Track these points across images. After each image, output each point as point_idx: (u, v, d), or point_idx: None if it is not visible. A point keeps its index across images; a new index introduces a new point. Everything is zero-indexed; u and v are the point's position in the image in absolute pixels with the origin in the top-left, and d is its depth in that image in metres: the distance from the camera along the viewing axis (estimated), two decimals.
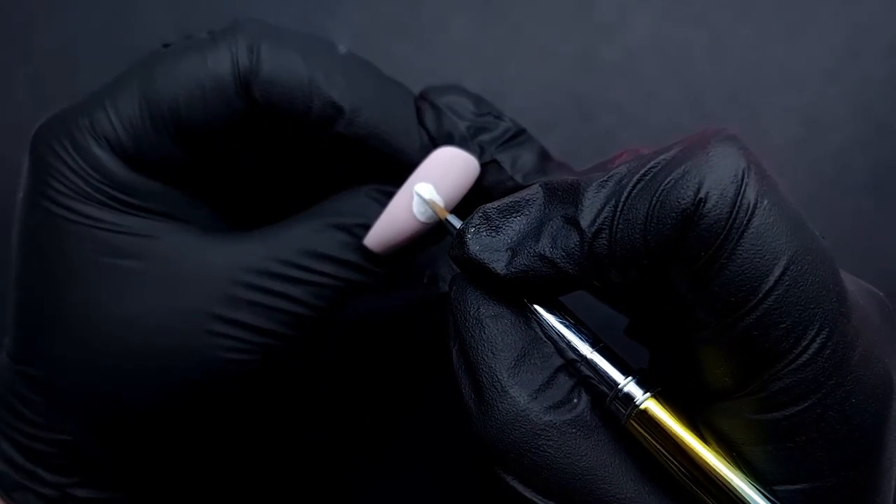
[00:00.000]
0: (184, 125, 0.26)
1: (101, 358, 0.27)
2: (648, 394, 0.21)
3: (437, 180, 0.27)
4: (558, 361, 0.22)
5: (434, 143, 0.28)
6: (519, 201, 0.22)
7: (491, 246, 0.22)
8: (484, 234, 0.22)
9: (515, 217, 0.22)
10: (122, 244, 0.27)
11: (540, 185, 0.22)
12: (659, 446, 0.21)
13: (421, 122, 0.28)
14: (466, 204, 0.28)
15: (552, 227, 0.21)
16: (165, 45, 0.27)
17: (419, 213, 0.27)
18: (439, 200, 0.27)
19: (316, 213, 0.28)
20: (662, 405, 0.21)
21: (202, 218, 0.29)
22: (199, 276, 0.27)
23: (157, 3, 0.39)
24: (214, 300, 0.26)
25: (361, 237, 0.27)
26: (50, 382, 0.27)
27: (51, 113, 0.28)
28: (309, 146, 0.28)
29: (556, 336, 0.22)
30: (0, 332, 0.29)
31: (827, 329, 0.19)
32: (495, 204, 0.22)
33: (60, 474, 0.28)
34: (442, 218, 0.26)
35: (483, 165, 0.28)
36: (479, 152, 0.28)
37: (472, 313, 0.22)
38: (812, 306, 0.19)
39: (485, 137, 0.28)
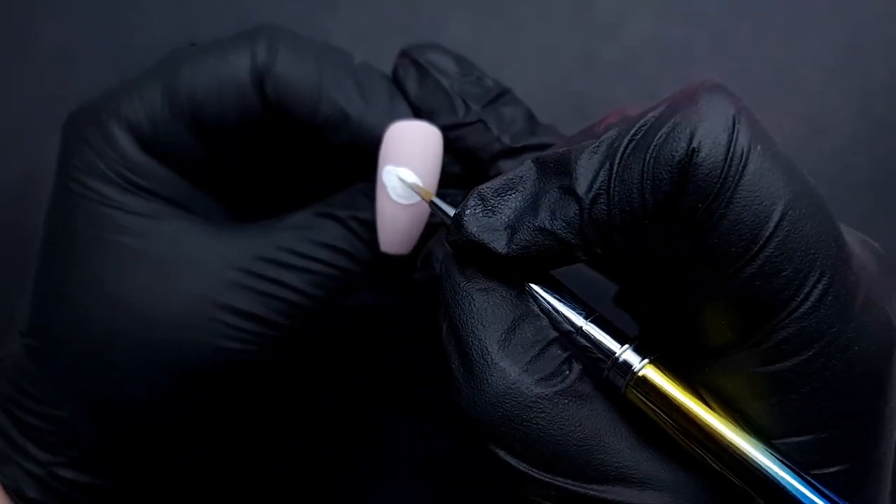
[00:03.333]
0: (199, 115, 0.27)
1: (94, 333, 0.27)
2: (646, 360, 0.21)
3: (398, 159, 0.26)
4: (552, 334, 0.21)
5: (414, 107, 0.28)
6: (513, 179, 0.22)
7: (490, 226, 0.22)
8: (481, 214, 0.22)
9: (511, 195, 0.22)
10: (125, 222, 0.27)
11: (532, 161, 0.22)
12: (661, 412, 0.20)
13: (401, 82, 0.28)
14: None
15: (549, 199, 0.21)
16: (192, 45, 0.29)
17: (395, 196, 0.26)
18: (412, 177, 0.26)
19: (312, 206, 0.28)
20: (661, 371, 0.21)
21: (206, 209, 0.29)
22: (195, 260, 0.27)
23: (158, 3, 0.39)
24: (208, 284, 0.27)
25: (353, 228, 0.27)
26: (48, 355, 0.28)
27: (52, 111, 0.29)
28: (317, 149, 0.28)
29: (550, 309, 0.22)
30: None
31: (828, 275, 0.19)
32: (489, 184, 0.22)
33: (49, 451, 0.28)
34: (427, 200, 0.25)
35: (469, 125, 0.27)
36: (464, 110, 0.27)
37: (462, 286, 0.22)
38: (812, 252, 0.19)
39: (469, 97, 0.28)
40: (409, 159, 0.26)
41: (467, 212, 0.22)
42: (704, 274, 0.20)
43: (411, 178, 0.26)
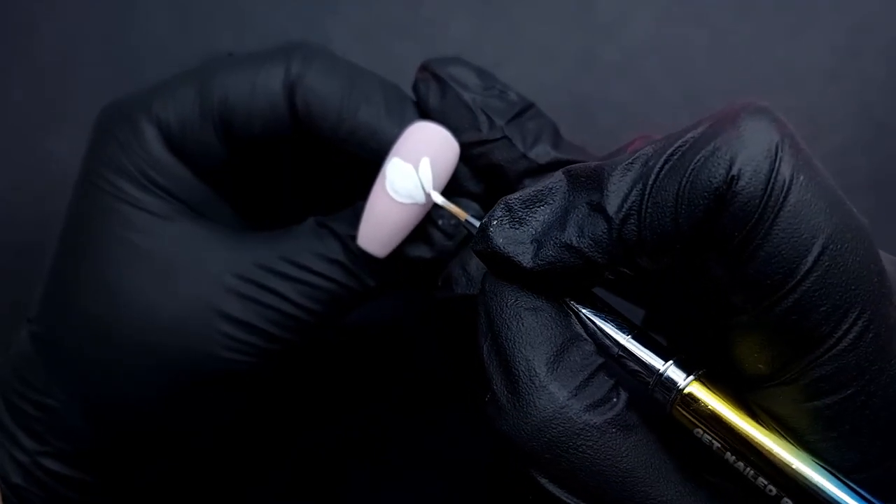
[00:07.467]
0: (228, 119, 0.27)
1: (92, 328, 0.27)
2: (692, 376, 0.20)
3: (407, 155, 0.26)
4: (599, 360, 0.21)
5: (430, 118, 0.27)
6: (542, 190, 0.21)
7: (516, 238, 0.21)
8: (507, 226, 0.21)
9: (539, 207, 0.21)
10: (136, 219, 0.27)
11: (563, 173, 0.21)
12: (708, 431, 0.20)
13: (422, 97, 0.27)
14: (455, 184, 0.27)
15: (577, 215, 0.20)
16: (230, 54, 0.29)
17: (392, 190, 0.25)
18: (415, 176, 0.26)
19: (315, 219, 0.28)
20: (709, 388, 0.20)
21: (221, 216, 0.29)
22: (196, 263, 0.27)
23: (157, 3, 0.39)
24: (206, 288, 0.26)
25: (350, 245, 0.27)
26: (47, 343, 0.28)
27: (51, 112, 0.29)
28: (339, 167, 0.28)
29: (595, 329, 0.21)
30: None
31: (868, 312, 0.18)
32: (517, 195, 0.21)
33: (36, 440, 0.28)
34: (452, 211, 0.25)
35: (493, 141, 0.26)
36: (487, 125, 0.26)
37: (509, 305, 0.21)
38: (853, 288, 0.18)
39: (493, 111, 0.27)
40: (415, 158, 0.26)
41: (494, 222, 0.21)
42: (737, 304, 0.19)
43: (427, 174, 0.25)
